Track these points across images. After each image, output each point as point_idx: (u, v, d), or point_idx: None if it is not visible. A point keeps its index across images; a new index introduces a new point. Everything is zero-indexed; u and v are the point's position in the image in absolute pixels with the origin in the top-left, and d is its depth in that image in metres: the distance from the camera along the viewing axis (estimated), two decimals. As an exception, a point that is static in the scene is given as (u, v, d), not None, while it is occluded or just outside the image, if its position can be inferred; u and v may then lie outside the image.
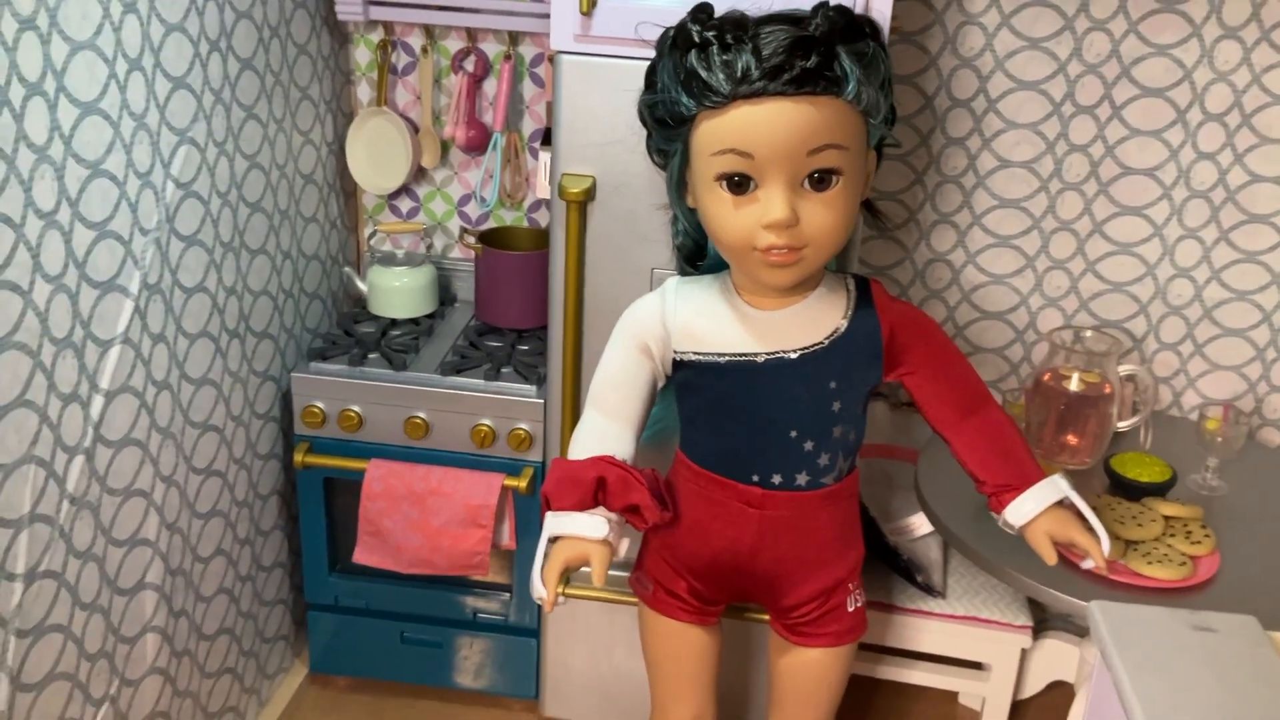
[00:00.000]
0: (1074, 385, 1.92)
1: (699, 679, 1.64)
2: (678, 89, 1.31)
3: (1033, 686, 2.20)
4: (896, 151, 2.16)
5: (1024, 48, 2.05)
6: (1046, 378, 1.95)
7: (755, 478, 1.47)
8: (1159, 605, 1.26)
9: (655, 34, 1.38)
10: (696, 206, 1.39)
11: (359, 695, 2.25)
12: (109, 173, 1.47)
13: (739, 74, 1.25)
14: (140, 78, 1.52)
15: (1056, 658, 2.17)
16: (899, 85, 2.11)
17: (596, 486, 1.39)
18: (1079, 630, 2.20)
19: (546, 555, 1.40)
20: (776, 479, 1.47)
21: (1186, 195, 2.11)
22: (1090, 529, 1.44)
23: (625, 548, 1.43)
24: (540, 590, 1.39)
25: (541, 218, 2.28)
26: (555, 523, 1.40)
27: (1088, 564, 1.46)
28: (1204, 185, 2.10)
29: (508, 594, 2.15)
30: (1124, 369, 1.97)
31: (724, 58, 1.26)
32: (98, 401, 1.50)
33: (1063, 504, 1.45)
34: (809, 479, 1.47)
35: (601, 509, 1.40)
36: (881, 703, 2.30)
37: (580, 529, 1.39)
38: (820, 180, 1.30)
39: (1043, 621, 2.25)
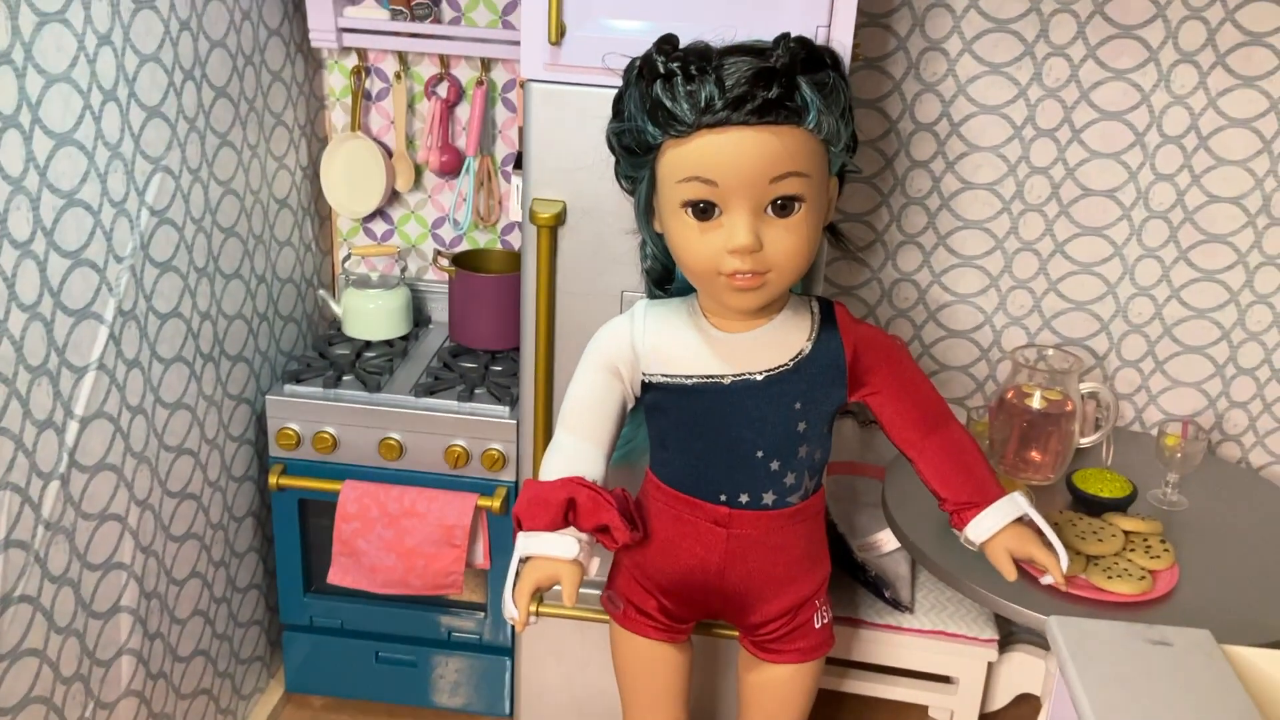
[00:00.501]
0: (1036, 403, 1.96)
1: (670, 695, 1.67)
2: (644, 118, 1.34)
3: (1001, 699, 2.23)
4: (862, 175, 2.20)
5: (985, 72, 2.10)
6: (1010, 395, 1.99)
7: (723, 497, 1.50)
8: (1119, 619, 1.29)
9: (622, 64, 1.40)
10: (663, 232, 1.42)
11: (335, 715, 2.26)
12: (84, 202, 1.49)
13: (703, 104, 1.28)
14: (115, 108, 1.54)
15: (1024, 671, 2.21)
16: (864, 109, 2.15)
17: (567, 507, 1.41)
18: (1046, 644, 2.23)
19: (518, 575, 1.42)
20: (744, 498, 1.50)
21: (1146, 216, 2.16)
22: (1049, 545, 1.48)
23: (596, 567, 1.45)
24: (511, 610, 1.41)
25: (515, 240, 2.31)
26: (526, 543, 1.42)
27: (1047, 579, 1.49)
28: (1163, 206, 2.15)
29: (482, 613, 2.17)
30: (1085, 386, 2.01)
31: (688, 88, 1.29)
32: (73, 427, 1.51)
33: (1022, 520, 1.49)
34: (775, 498, 1.50)
35: (572, 529, 1.42)
36: (851, 717, 2.33)
37: (551, 549, 1.41)
38: (783, 207, 1.33)
39: (1010, 635, 2.28)
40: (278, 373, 2.13)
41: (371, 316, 2.21)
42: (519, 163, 2.07)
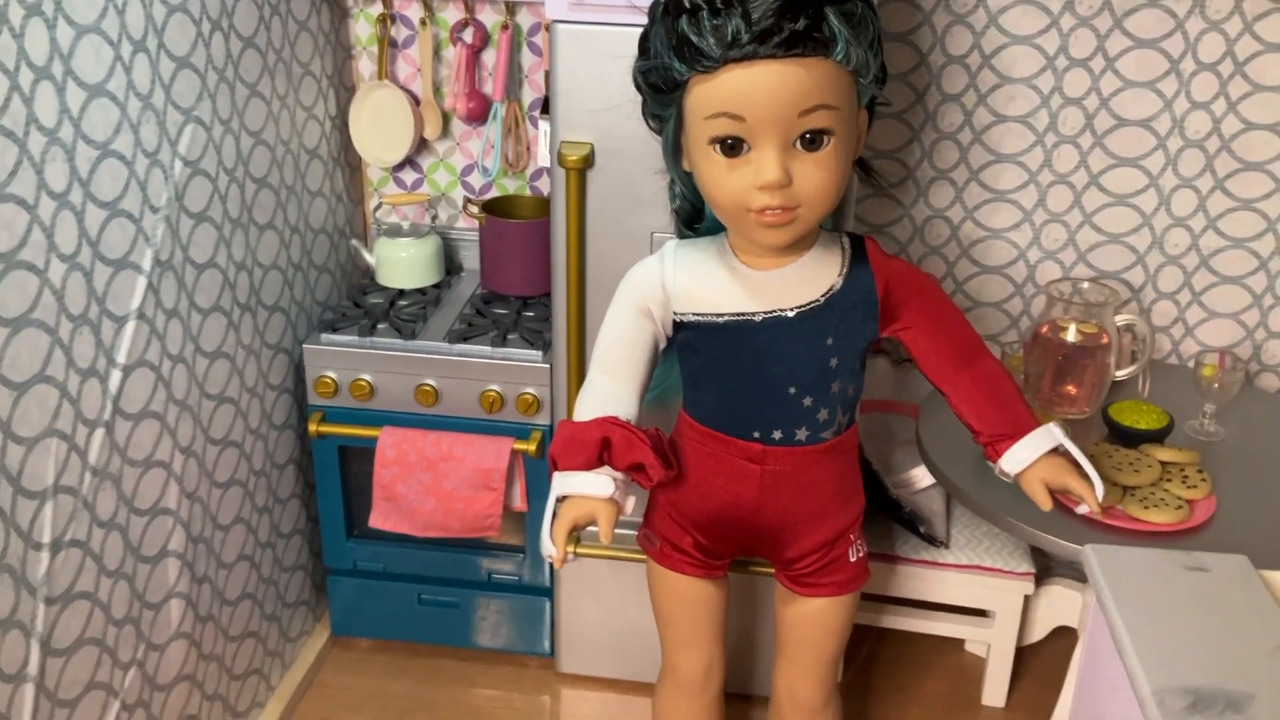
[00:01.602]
0: (1071, 336, 1.95)
1: (708, 630, 1.69)
2: (670, 54, 1.33)
3: (1038, 632, 2.25)
4: (893, 109, 2.18)
5: (1016, 2, 2.07)
6: (1044, 330, 1.98)
7: (756, 434, 1.51)
8: (1156, 548, 1.29)
9: (647, 1, 1.39)
10: (692, 170, 1.42)
11: (379, 656, 2.31)
12: (118, 153, 1.51)
13: (729, 38, 1.27)
14: (145, 59, 1.55)
15: (1061, 604, 2.22)
16: (893, 43, 2.13)
17: (601, 446, 1.42)
18: (1082, 576, 2.24)
19: (555, 515, 1.44)
20: (777, 435, 1.50)
21: (1181, 145, 2.13)
22: (1085, 475, 1.48)
23: (631, 505, 1.46)
24: (550, 549, 1.43)
25: (544, 185, 2.31)
26: (562, 482, 1.44)
27: (1082, 509, 1.49)
28: (1198, 135, 2.11)
29: (521, 555, 2.20)
30: (1121, 319, 2.00)
31: (714, 22, 1.28)
32: (115, 376, 1.54)
33: (1057, 451, 1.49)
34: (809, 434, 1.51)
35: (607, 468, 1.44)
36: (890, 652, 2.35)
37: (587, 488, 1.43)
38: (812, 141, 1.32)
39: (1047, 569, 2.29)
40: (314, 322, 2.15)
41: (404, 265, 2.23)
42: (546, 107, 2.07)
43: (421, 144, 2.31)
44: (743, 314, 1.46)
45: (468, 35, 2.19)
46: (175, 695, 1.77)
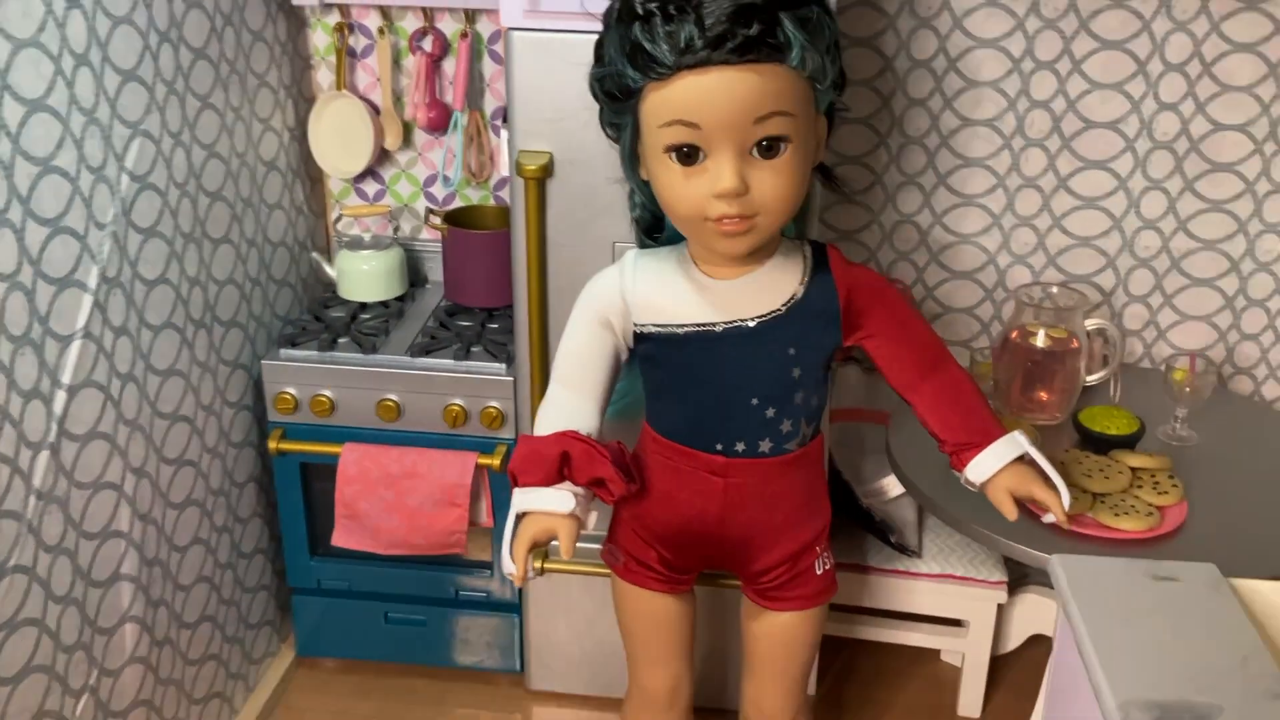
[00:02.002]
0: (1041, 341, 1.93)
1: (674, 646, 1.66)
2: (624, 61, 1.30)
3: (1013, 641, 2.22)
4: (859, 114, 2.16)
5: (981, 4, 2.05)
6: (1014, 335, 1.96)
7: (719, 446, 1.48)
8: (1127, 556, 1.27)
9: (601, 7, 1.37)
10: (649, 179, 1.39)
11: (347, 676, 2.27)
12: (60, 169, 1.47)
13: (682, 44, 1.25)
14: (88, 73, 1.51)
15: (1035, 612, 2.19)
16: (858, 48, 2.11)
17: (561, 461, 1.40)
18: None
19: (515, 531, 1.42)
20: (740, 447, 1.48)
21: (1150, 147, 2.11)
22: (1051, 484, 1.45)
23: (593, 520, 1.44)
24: (510, 566, 1.40)
25: (508, 196, 2.28)
26: (522, 498, 1.41)
27: (1049, 518, 1.47)
28: (1167, 136, 2.10)
29: (489, 571, 2.16)
30: (1091, 323, 1.98)
31: (667, 28, 1.25)
32: (60, 397, 1.50)
33: (1024, 460, 1.46)
34: (772, 445, 1.48)
35: (568, 483, 1.41)
36: (864, 663, 2.32)
37: (546, 504, 1.40)
38: (769, 148, 1.30)
39: (1022, 577, 2.26)
40: (273, 337, 2.12)
41: (366, 278, 2.19)
42: (507, 117, 2.04)
43: (383, 154, 2.28)
44: (703, 324, 1.43)
45: (427, 44, 2.16)
46: (131, 722, 1.74)
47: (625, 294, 1.46)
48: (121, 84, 1.59)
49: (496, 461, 1.99)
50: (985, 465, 1.45)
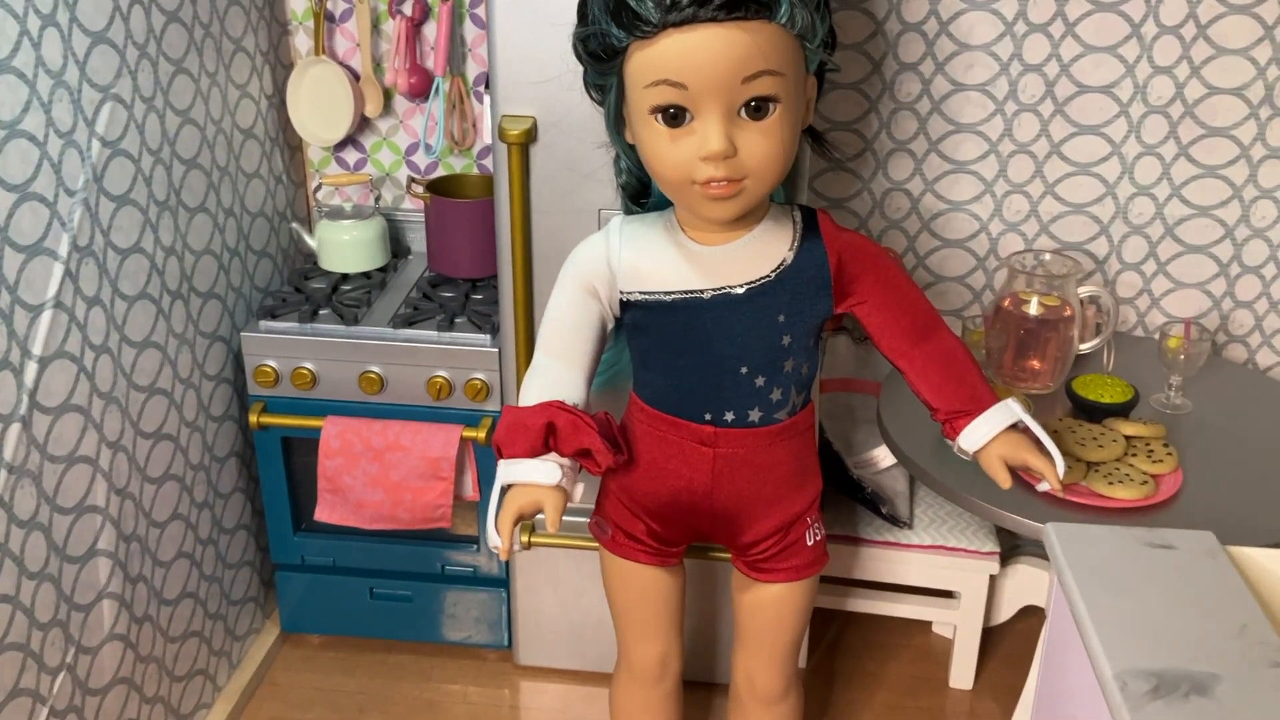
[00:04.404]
0: (1033, 309, 1.90)
1: (663, 619, 1.64)
2: (608, 19, 1.26)
3: (1005, 612, 2.21)
4: (849, 80, 2.12)
5: (973, -34, 2.01)
6: (1006, 303, 1.93)
7: (708, 416, 1.45)
8: (1121, 525, 1.25)
9: (585, -35, 1.33)
10: (635, 142, 1.36)
11: (332, 652, 2.24)
12: (27, 133, 1.42)
13: (668, 1, 1.21)
14: (55, 33, 1.47)
15: (1028, 583, 2.18)
16: (847, 11, 2.06)
17: (546, 432, 1.37)
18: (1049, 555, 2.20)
19: (500, 504, 1.39)
20: (729, 416, 1.45)
21: (1144, 111, 2.08)
22: (1045, 451, 1.43)
23: (580, 492, 1.41)
24: (495, 539, 1.37)
25: (491, 164, 2.24)
26: (507, 470, 1.38)
27: (1043, 486, 1.44)
28: (1161, 100, 2.07)
29: (475, 545, 2.14)
30: (1084, 290, 1.95)
31: (652, -15, 1.22)
32: (31, 368, 1.46)
33: (1017, 427, 1.44)
34: (762, 415, 1.45)
35: (554, 455, 1.38)
36: (855, 636, 2.30)
37: (532, 475, 1.37)
38: (757, 109, 1.26)
39: (1014, 548, 2.25)
40: (253, 309, 2.08)
41: (347, 248, 2.15)
42: (489, 81, 2.00)
43: (363, 122, 2.23)
44: (691, 291, 1.40)
45: (407, 8, 2.11)
46: (111, 699, 1.70)
47: (611, 261, 1.43)
48: (91, 46, 1.54)
49: (481, 434, 1.96)
50: (978, 433, 1.43)
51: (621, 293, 1.43)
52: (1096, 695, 1.07)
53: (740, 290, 1.39)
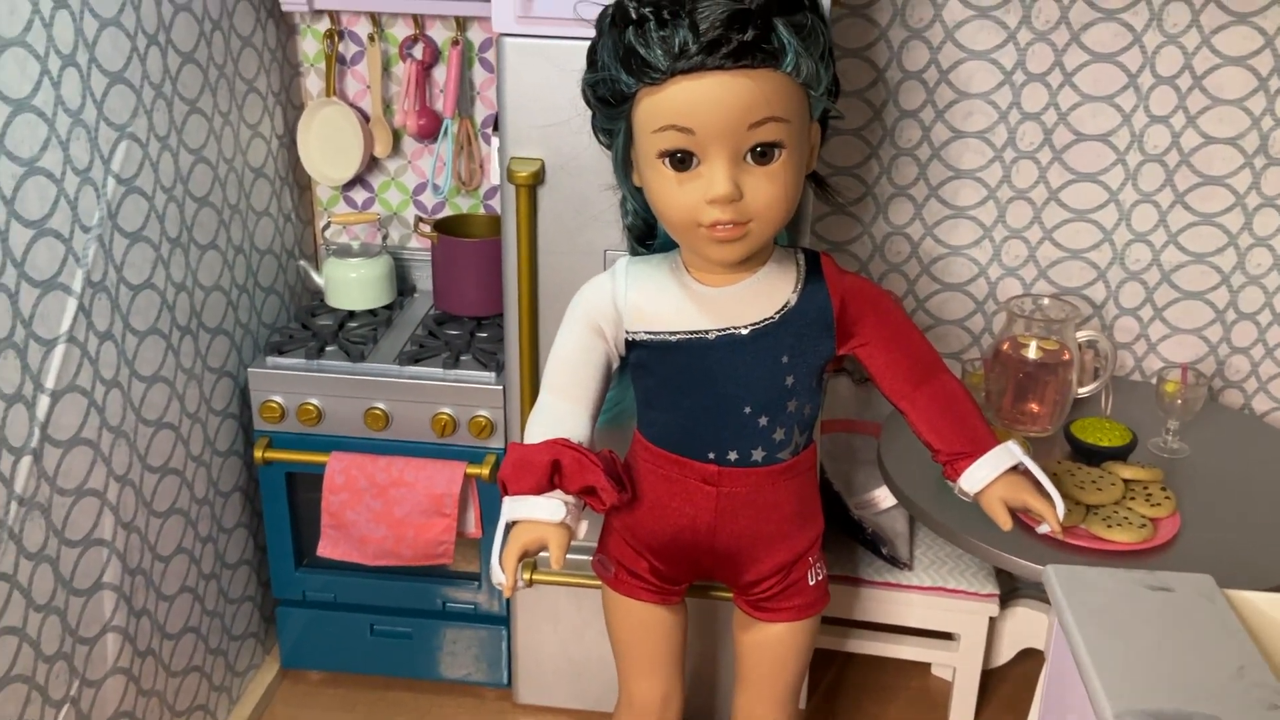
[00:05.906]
0: (1032, 353, 1.92)
1: (665, 658, 1.64)
2: (617, 66, 1.30)
3: (1004, 655, 2.20)
4: (851, 126, 2.16)
5: (973, 16, 2.05)
6: (1005, 346, 1.95)
7: (711, 455, 1.47)
8: (1120, 568, 1.26)
9: (595, 12, 1.36)
10: (642, 186, 1.39)
11: (332, 689, 2.24)
12: (45, 170, 1.45)
13: (676, 49, 1.24)
14: (75, 74, 1.50)
15: (1027, 625, 2.18)
16: (850, 59, 2.10)
17: (551, 469, 1.38)
18: (1048, 597, 2.20)
19: (504, 540, 1.40)
20: (733, 455, 1.46)
21: (1141, 160, 2.11)
22: (1045, 494, 1.44)
23: (584, 530, 1.42)
24: (499, 575, 1.38)
25: (498, 204, 2.26)
26: (512, 507, 1.40)
27: (1043, 529, 1.46)
28: (1158, 149, 2.10)
29: (476, 583, 2.14)
30: (1082, 335, 1.97)
31: (661, 33, 1.25)
32: (43, 401, 1.48)
33: (1017, 469, 1.45)
34: (765, 454, 1.47)
35: (559, 492, 1.39)
36: (855, 677, 2.30)
37: (537, 513, 1.38)
38: (762, 154, 1.29)
39: (1013, 590, 2.25)
40: (260, 345, 2.10)
41: (354, 286, 2.17)
42: (498, 124, 2.03)
43: (372, 162, 2.26)
44: (696, 332, 1.42)
45: (418, 51, 2.15)
46: (112, 734, 1.71)
47: (617, 301, 1.45)
48: (109, 86, 1.57)
49: (485, 471, 1.97)
50: (979, 475, 1.44)
51: (627, 332, 1.45)
52: (1097, 736, 1.07)
53: (745, 331, 1.42)
